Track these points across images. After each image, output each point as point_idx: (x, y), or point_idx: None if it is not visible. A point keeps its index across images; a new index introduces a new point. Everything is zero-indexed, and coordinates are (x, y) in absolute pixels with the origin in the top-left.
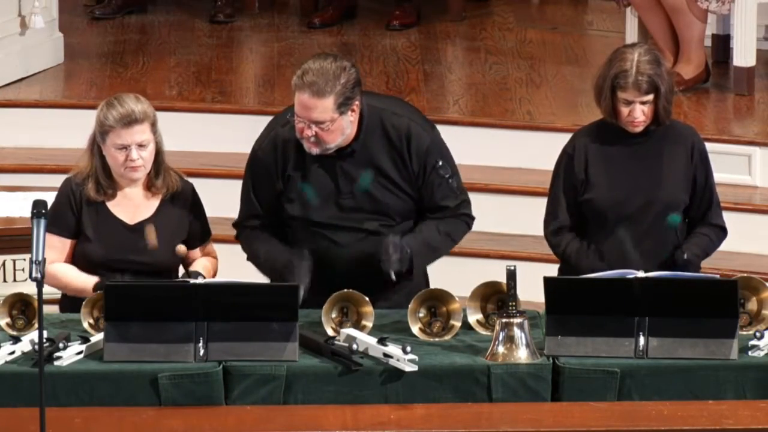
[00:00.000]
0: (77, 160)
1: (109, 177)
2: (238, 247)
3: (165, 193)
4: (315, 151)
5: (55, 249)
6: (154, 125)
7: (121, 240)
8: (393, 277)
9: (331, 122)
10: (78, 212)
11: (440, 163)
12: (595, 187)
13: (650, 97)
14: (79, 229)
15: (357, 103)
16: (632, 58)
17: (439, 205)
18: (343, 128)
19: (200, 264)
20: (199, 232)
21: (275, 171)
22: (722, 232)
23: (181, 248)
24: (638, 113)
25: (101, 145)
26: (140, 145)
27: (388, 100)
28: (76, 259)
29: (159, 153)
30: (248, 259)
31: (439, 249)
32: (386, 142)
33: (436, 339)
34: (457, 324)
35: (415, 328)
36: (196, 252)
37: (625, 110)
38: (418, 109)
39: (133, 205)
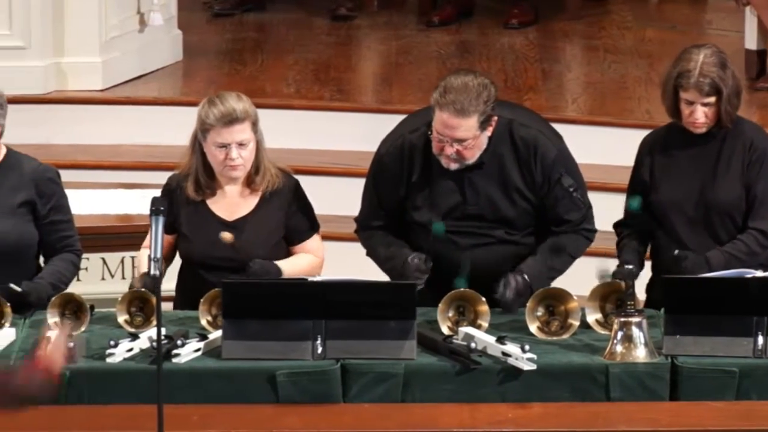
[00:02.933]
0: (181, 157)
1: (209, 175)
2: (357, 245)
3: (265, 190)
4: (453, 166)
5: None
6: (255, 124)
7: (218, 237)
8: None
9: (473, 139)
10: (176, 209)
11: (565, 175)
12: (657, 189)
13: (712, 99)
14: (173, 225)
15: (495, 118)
16: (697, 59)
17: (562, 219)
18: (481, 144)
19: (290, 262)
20: (300, 229)
21: (401, 177)
22: (762, 235)
23: (226, 235)
24: (699, 114)
25: (202, 143)
26: (240, 144)
27: (516, 110)
28: (180, 256)
29: (259, 151)
30: (368, 254)
31: (559, 270)
32: (514, 153)
33: (554, 338)
34: (575, 323)
35: (533, 327)
36: (301, 248)
37: (686, 110)
38: (545, 120)
39: (231, 203)
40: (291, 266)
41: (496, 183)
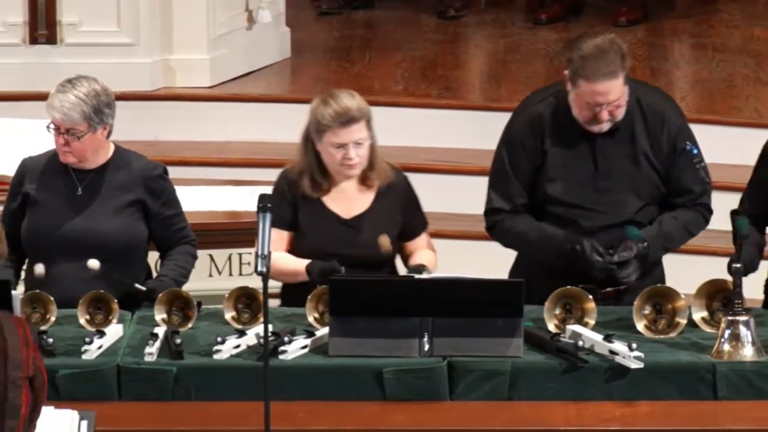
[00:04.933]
0: (293, 154)
1: (323, 173)
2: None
3: (379, 185)
4: (606, 127)
5: (272, 241)
6: (369, 122)
7: (335, 234)
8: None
9: (622, 96)
10: (294, 205)
11: (689, 146)
12: None
13: None
14: (295, 221)
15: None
16: None
17: (685, 188)
18: (626, 96)
19: (424, 257)
20: (415, 225)
21: (534, 147)
22: None
23: (384, 240)
24: None
25: (316, 142)
26: (357, 143)
27: (635, 81)
28: (292, 252)
29: (373, 147)
30: (507, 245)
31: (675, 241)
32: (643, 120)
33: (661, 336)
34: (683, 321)
35: (640, 325)
36: (416, 243)
37: None
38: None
39: (348, 199)
40: (427, 263)
41: (626, 149)
